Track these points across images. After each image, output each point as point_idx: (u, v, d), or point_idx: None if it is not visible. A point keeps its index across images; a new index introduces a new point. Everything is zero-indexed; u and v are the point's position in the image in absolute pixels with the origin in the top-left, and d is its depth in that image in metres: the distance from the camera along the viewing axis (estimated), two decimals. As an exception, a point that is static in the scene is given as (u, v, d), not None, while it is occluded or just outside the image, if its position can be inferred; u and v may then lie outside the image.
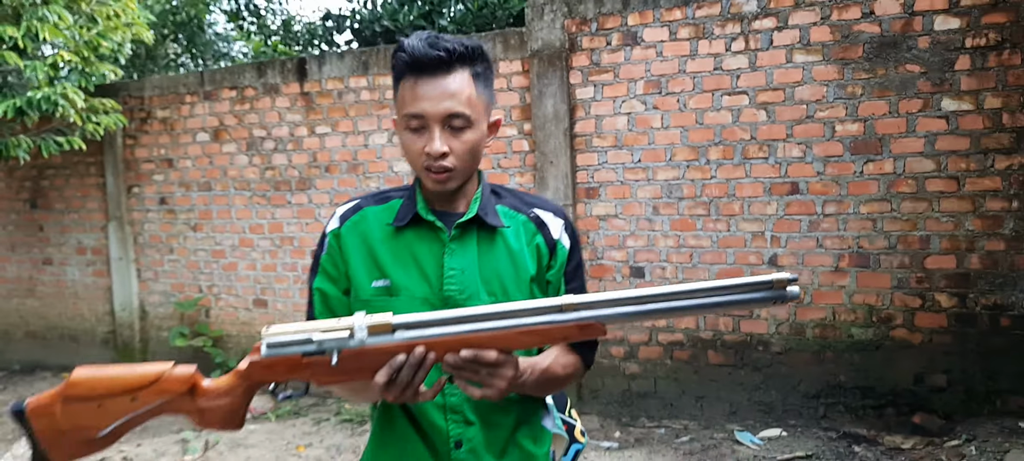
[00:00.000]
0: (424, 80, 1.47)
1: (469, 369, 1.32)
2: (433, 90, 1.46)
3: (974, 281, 4.48)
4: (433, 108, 1.47)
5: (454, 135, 1.49)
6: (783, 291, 1.30)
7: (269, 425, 5.86)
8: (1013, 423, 4.36)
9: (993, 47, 4.33)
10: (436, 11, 8.74)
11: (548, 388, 1.61)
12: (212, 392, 1.38)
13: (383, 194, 1.68)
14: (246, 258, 6.63)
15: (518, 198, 1.67)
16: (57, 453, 1.34)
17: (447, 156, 1.48)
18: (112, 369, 1.36)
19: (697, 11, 4.94)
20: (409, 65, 1.49)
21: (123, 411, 1.34)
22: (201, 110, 6.66)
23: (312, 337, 1.31)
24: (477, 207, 1.58)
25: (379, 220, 1.62)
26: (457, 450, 1.56)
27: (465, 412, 1.56)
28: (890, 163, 4.58)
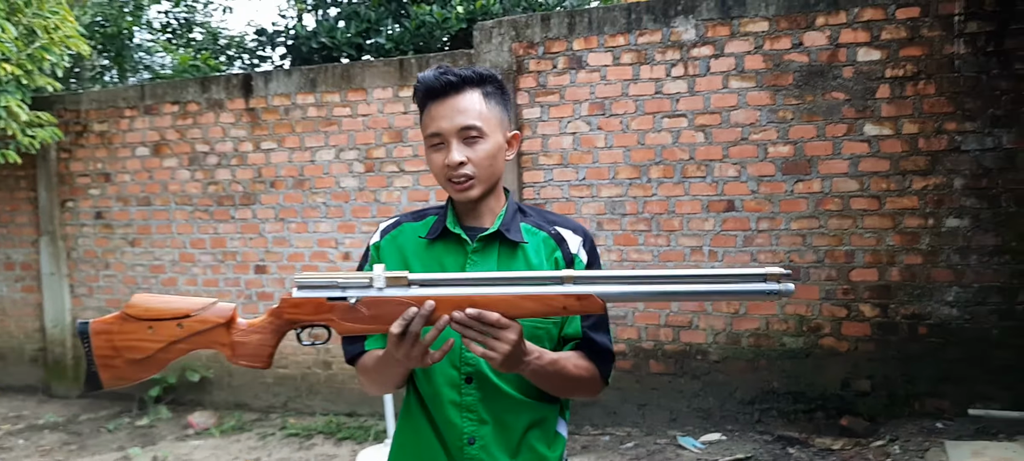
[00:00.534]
0: (438, 103, 1.67)
1: (474, 328, 1.47)
2: (446, 110, 1.66)
3: (895, 292, 4.85)
4: (448, 124, 1.65)
5: (470, 146, 1.66)
6: (776, 284, 1.42)
7: (214, 440, 5.85)
8: (931, 423, 4.73)
9: (910, 78, 4.71)
10: (374, 29, 8.83)
11: (559, 385, 1.68)
12: (246, 328, 1.57)
13: (421, 212, 1.86)
14: (187, 273, 6.59)
15: (542, 216, 1.82)
16: (107, 373, 1.53)
17: (465, 165, 1.65)
18: (166, 296, 1.56)
19: (639, 38, 5.21)
20: (425, 93, 1.69)
21: (170, 336, 1.53)
22: (141, 124, 6.61)
23: (337, 281, 1.49)
24: (499, 223, 1.72)
25: (414, 233, 1.80)
26: (470, 446, 1.67)
27: (479, 411, 1.68)
28: (818, 183, 4.92)
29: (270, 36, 10.23)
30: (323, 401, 6.25)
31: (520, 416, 1.70)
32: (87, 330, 1.55)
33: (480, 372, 1.67)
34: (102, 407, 6.73)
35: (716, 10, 5.04)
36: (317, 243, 6.14)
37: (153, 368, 1.55)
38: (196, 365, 6.54)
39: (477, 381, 1.68)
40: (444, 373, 1.68)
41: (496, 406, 1.69)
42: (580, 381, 1.71)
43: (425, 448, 1.73)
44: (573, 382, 1.69)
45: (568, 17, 5.37)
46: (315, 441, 5.72)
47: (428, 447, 1.72)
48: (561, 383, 1.68)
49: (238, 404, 6.50)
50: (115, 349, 1.54)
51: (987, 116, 4.58)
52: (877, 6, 4.74)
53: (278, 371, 6.37)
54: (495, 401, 1.68)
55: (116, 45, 9.70)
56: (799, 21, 4.89)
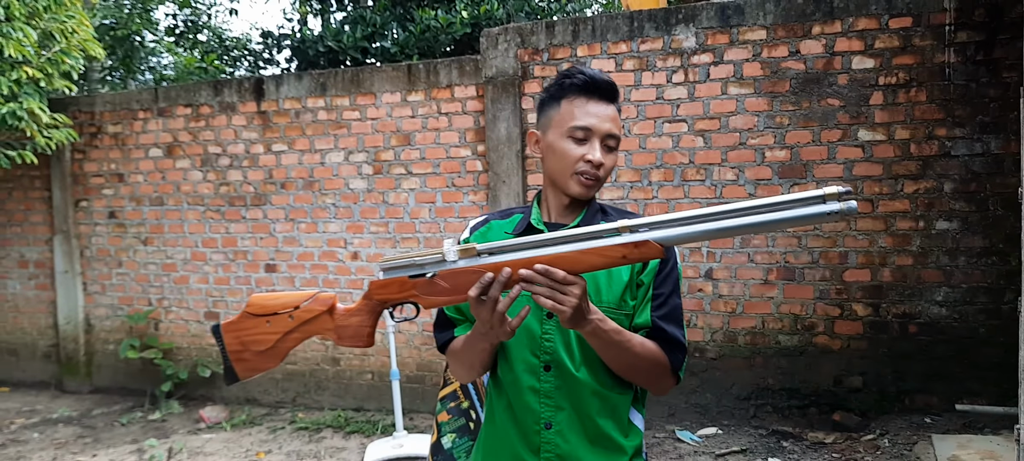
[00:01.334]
0: (595, 101, 1.76)
1: (542, 284, 1.54)
2: (602, 111, 1.76)
3: (886, 292, 5.02)
4: (600, 125, 1.75)
5: (607, 153, 1.77)
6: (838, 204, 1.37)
7: (225, 434, 6.01)
8: (920, 419, 4.91)
9: (902, 85, 4.89)
10: (379, 34, 9.02)
11: (625, 362, 1.71)
12: (345, 312, 1.73)
13: (508, 211, 1.96)
14: (198, 271, 6.76)
15: (622, 216, 1.85)
16: (240, 367, 1.75)
17: (601, 168, 1.76)
18: (278, 293, 1.76)
19: (641, 45, 5.38)
20: (584, 86, 1.76)
21: (284, 327, 1.72)
22: (154, 126, 6.78)
23: (414, 260, 1.64)
24: (580, 220, 1.81)
25: (501, 229, 1.90)
26: (547, 430, 1.76)
27: (556, 398, 1.76)
28: (813, 186, 5.10)
29: (276, 39, 10.42)
30: (331, 396, 6.42)
31: (594, 403, 1.76)
32: (219, 330, 1.75)
33: (558, 360, 1.75)
34: (114, 402, 6.90)
35: (716, 19, 5.22)
36: (326, 243, 6.31)
37: (275, 358, 1.74)
38: (207, 361, 6.71)
39: (555, 369, 1.76)
40: (524, 360, 1.78)
41: (572, 393, 1.76)
42: (646, 362, 1.73)
43: (505, 432, 1.83)
44: (639, 361, 1.72)
45: (572, 24, 5.55)
46: (324, 434, 5.88)
47: (508, 431, 1.82)
48: (627, 359, 1.71)
49: (248, 399, 6.67)
50: (243, 344, 1.74)
51: (976, 123, 4.76)
52: (871, 16, 4.92)
53: (287, 367, 6.54)
54: (571, 388, 1.76)
55: (125, 47, 9.87)
56: (796, 30, 5.06)
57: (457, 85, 5.86)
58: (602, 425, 1.77)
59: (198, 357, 6.76)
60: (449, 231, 5.96)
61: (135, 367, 6.91)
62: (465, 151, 5.88)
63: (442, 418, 4.21)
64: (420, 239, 6.05)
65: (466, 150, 5.88)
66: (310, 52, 9.17)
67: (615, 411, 1.79)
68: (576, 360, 1.76)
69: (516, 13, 8.84)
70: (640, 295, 1.79)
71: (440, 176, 5.96)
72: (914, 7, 4.84)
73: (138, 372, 6.93)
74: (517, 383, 1.80)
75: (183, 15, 11.10)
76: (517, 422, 1.81)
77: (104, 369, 7.19)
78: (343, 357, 6.37)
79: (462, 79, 5.85)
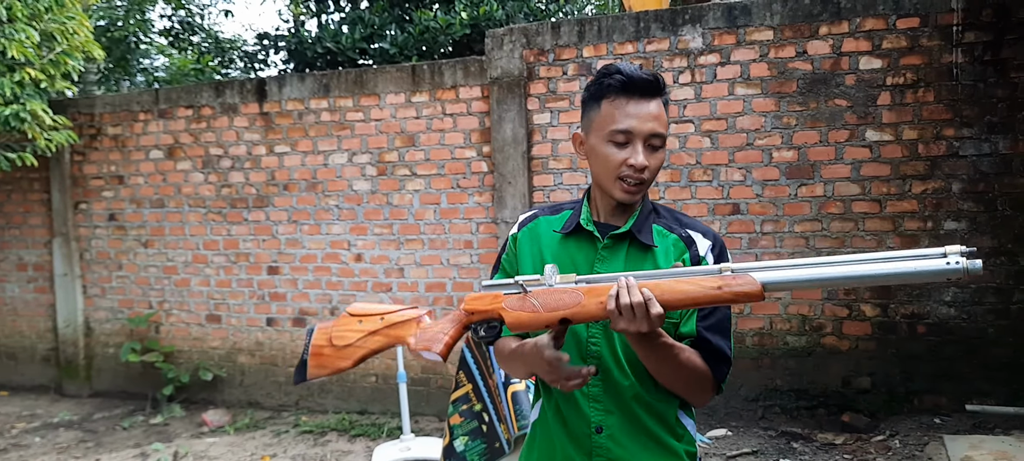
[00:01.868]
0: (635, 101, 1.67)
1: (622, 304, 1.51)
2: (642, 110, 1.67)
3: (894, 293, 5.02)
4: (641, 126, 1.67)
5: (651, 153, 1.70)
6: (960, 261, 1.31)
7: (229, 437, 5.97)
8: (929, 419, 4.90)
9: (910, 85, 4.89)
10: (378, 34, 8.98)
11: (670, 371, 1.67)
12: (431, 322, 1.76)
13: (557, 206, 1.92)
14: (199, 274, 6.72)
15: (675, 218, 1.83)
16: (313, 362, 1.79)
17: (645, 170, 1.69)
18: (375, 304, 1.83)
19: (647, 46, 5.37)
20: (623, 86, 1.68)
21: (371, 327, 1.76)
22: (155, 128, 6.73)
23: (517, 280, 1.64)
24: (631, 223, 1.76)
25: (550, 227, 1.87)
26: (598, 435, 1.74)
27: (605, 401, 1.74)
28: (821, 187, 5.09)
29: (273, 40, 10.36)
30: (335, 399, 6.38)
31: (641, 408, 1.74)
32: (313, 330, 1.81)
33: (604, 365, 1.73)
34: (115, 406, 6.85)
35: (722, 19, 5.21)
36: (330, 245, 6.28)
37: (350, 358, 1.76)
38: (209, 364, 6.67)
39: (601, 373, 1.73)
40: (573, 364, 1.72)
41: (619, 398, 1.73)
42: (691, 374, 1.68)
43: (557, 435, 1.81)
44: (684, 372, 1.68)
45: (578, 25, 5.53)
46: (329, 438, 5.85)
47: (559, 434, 1.80)
48: (672, 369, 1.67)
49: (250, 403, 6.63)
50: (328, 339, 1.78)
51: (984, 123, 4.76)
52: (878, 16, 4.92)
53: (290, 370, 6.50)
54: (618, 393, 1.74)
55: (121, 48, 9.81)
56: (803, 30, 5.06)
57: (462, 86, 5.84)
58: (653, 429, 1.75)
59: (200, 360, 6.72)
60: (454, 233, 5.93)
61: (136, 371, 6.86)
62: (470, 152, 5.85)
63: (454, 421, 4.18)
64: (424, 241, 6.02)
65: (471, 151, 5.85)
66: (308, 53, 9.12)
67: (663, 416, 1.76)
68: (622, 365, 1.74)
69: (516, 14, 8.82)
70: None
71: (445, 177, 5.93)
72: (921, 7, 4.84)
73: (139, 376, 6.88)
74: None
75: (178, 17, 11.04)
76: (567, 425, 1.79)
77: (104, 373, 7.14)
78: (347, 360, 6.32)
79: (467, 80, 5.82)
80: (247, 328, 6.61)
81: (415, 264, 6.07)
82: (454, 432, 4.06)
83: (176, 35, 10.85)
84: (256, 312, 6.57)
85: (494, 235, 5.81)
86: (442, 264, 6.00)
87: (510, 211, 5.67)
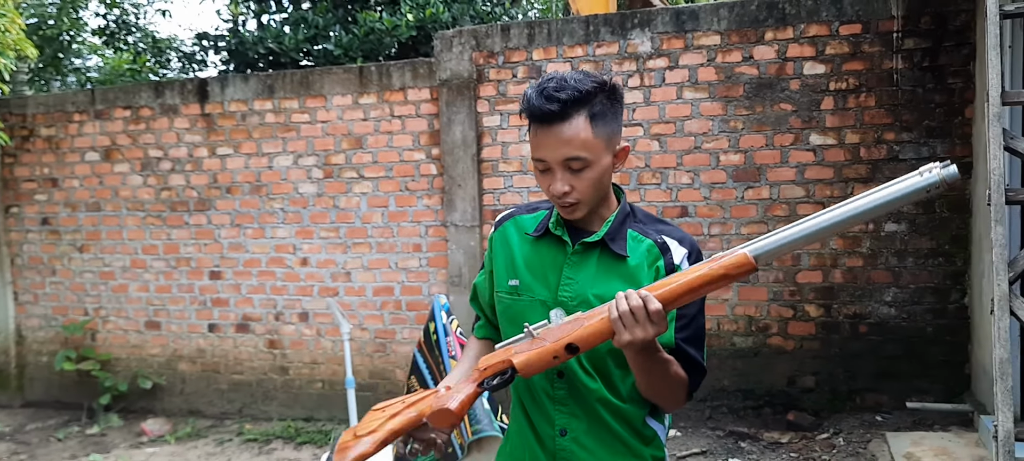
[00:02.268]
0: (543, 129, 1.62)
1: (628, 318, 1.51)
2: (551, 138, 1.62)
3: (837, 293, 5.13)
4: (552, 155, 1.63)
5: (575, 175, 1.64)
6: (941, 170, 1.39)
7: (170, 447, 5.81)
8: (871, 417, 5.02)
9: (852, 90, 5.00)
10: (322, 35, 8.85)
11: (657, 378, 1.65)
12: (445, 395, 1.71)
13: (534, 205, 1.89)
14: (138, 280, 6.53)
15: (651, 222, 1.80)
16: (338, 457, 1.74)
17: (570, 193, 1.65)
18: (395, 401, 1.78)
19: (597, 49, 5.39)
20: (530, 116, 1.64)
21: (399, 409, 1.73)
22: (91, 129, 6.52)
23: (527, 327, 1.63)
24: (604, 231, 1.72)
25: (523, 228, 1.84)
26: (561, 438, 1.73)
27: (570, 405, 1.73)
28: (767, 190, 5.17)
29: (212, 40, 10.13)
30: (280, 406, 6.26)
31: (607, 411, 1.72)
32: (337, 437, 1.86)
33: (569, 368, 1.71)
34: (49, 416, 6.61)
35: (671, 24, 5.26)
36: (274, 249, 6.16)
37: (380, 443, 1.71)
38: (148, 372, 6.48)
39: (567, 376, 1.72)
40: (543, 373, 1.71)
41: (585, 401, 1.72)
42: (674, 384, 1.68)
43: (524, 437, 1.80)
44: (669, 383, 1.67)
45: (527, 28, 5.53)
46: (274, 446, 5.73)
47: (526, 436, 1.80)
48: (661, 380, 1.66)
49: (191, 411, 6.46)
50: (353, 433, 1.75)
51: (923, 127, 4.90)
52: (822, 22, 5.02)
53: (233, 377, 6.36)
54: (583, 396, 1.72)
55: (54, 47, 9.50)
56: (749, 35, 5.14)
57: (410, 88, 5.78)
58: (619, 432, 1.73)
59: (138, 368, 6.53)
60: (402, 236, 5.87)
61: (71, 379, 6.63)
62: (419, 155, 5.80)
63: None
64: (372, 244, 5.94)
65: (420, 153, 5.80)
66: (249, 54, 8.95)
67: (630, 420, 1.74)
68: (587, 369, 1.72)
69: (462, 17, 8.79)
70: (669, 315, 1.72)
71: (393, 180, 5.87)
72: (863, 14, 4.96)
73: (74, 385, 6.65)
74: (533, 389, 1.77)
75: (113, 15, 10.72)
76: (534, 427, 1.78)
77: (37, 382, 6.89)
78: (292, 366, 6.21)
79: (416, 82, 5.77)
80: (188, 334, 6.45)
81: (362, 268, 5.99)
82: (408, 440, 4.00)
83: (111, 34, 10.53)
84: (197, 318, 6.41)
85: (443, 238, 5.77)
86: (390, 268, 5.94)
87: (460, 214, 5.64)
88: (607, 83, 1.66)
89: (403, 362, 5.91)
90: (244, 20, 10.47)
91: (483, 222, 5.65)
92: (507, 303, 1.79)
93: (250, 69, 8.92)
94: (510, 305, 1.77)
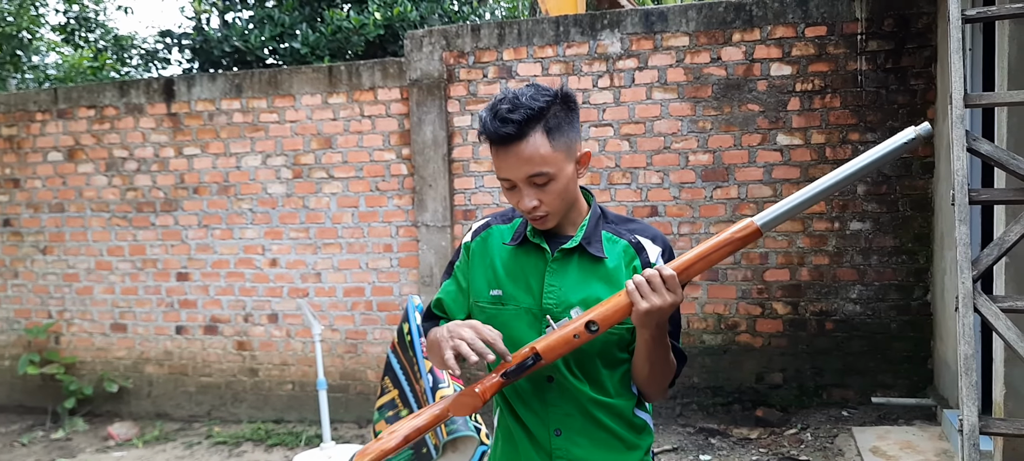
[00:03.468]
0: (502, 151, 1.65)
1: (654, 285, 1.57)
2: (510, 158, 1.64)
3: (804, 291, 5.21)
4: (514, 174, 1.66)
5: (541, 189, 1.67)
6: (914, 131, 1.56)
7: (137, 451, 5.75)
8: (838, 412, 5.11)
9: (818, 91, 5.08)
10: (288, 33, 8.78)
11: (658, 361, 1.71)
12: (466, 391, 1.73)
13: (510, 214, 1.89)
14: (103, 282, 6.44)
15: (623, 223, 1.83)
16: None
17: (539, 207, 1.68)
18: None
19: (567, 50, 5.42)
20: (488, 139, 1.67)
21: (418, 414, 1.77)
22: (53, 128, 6.42)
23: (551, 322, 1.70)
24: (581, 235, 1.75)
25: (501, 237, 1.85)
26: (557, 437, 1.75)
27: (561, 405, 1.75)
28: (735, 189, 5.24)
29: (176, 38, 10.00)
30: (249, 408, 6.21)
31: (599, 409, 1.75)
32: None
33: (559, 372, 1.74)
34: (12, 421, 6.50)
35: (640, 25, 5.31)
36: (243, 250, 6.11)
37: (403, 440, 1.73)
38: (114, 375, 6.40)
39: (557, 381, 1.75)
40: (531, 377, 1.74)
41: (576, 401, 1.74)
42: (669, 369, 1.75)
43: (519, 441, 1.81)
44: (667, 365, 1.74)
45: (498, 28, 5.54)
46: (244, 448, 5.69)
47: (520, 440, 1.80)
48: (663, 359, 1.72)
49: (159, 414, 6.39)
50: None
51: (886, 128, 4.99)
52: (788, 24, 5.10)
53: (201, 379, 6.30)
54: (574, 397, 1.75)
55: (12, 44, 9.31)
56: (717, 37, 5.20)
57: (380, 87, 5.77)
58: (612, 427, 1.77)
59: (104, 371, 6.44)
60: (373, 236, 5.86)
61: (34, 383, 6.53)
62: (389, 155, 5.79)
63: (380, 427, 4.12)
64: (342, 245, 5.92)
65: (391, 153, 5.79)
66: (214, 52, 8.85)
67: (621, 413, 1.78)
68: (575, 373, 1.75)
69: (430, 16, 8.78)
70: None
71: (363, 180, 5.85)
72: (829, 16, 5.04)
73: (37, 389, 6.55)
74: (523, 394, 1.79)
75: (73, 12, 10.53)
76: (528, 430, 1.79)
77: (0, 386, 6.77)
78: (261, 367, 6.17)
79: (386, 81, 5.76)
80: (155, 337, 6.37)
81: (333, 269, 5.97)
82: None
83: (70, 31, 10.34)
84: (165, 320, 6.34)
85: (414, 239, 5.77)
86: (361, 268, 5.92)
87: (430, 214, 5.64)
88: (559, 93, 1.68)
89: (375, 363, 5.90)
90: (208, 18, 10.35)
91: (454, 222, 5.66)
92: (491, 313, 1.79)
93: (215, 68, 8.83)
94: (495, 315, 1.78)
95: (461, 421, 3.89)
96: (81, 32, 10.28)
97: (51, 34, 11.07)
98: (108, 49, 10.89)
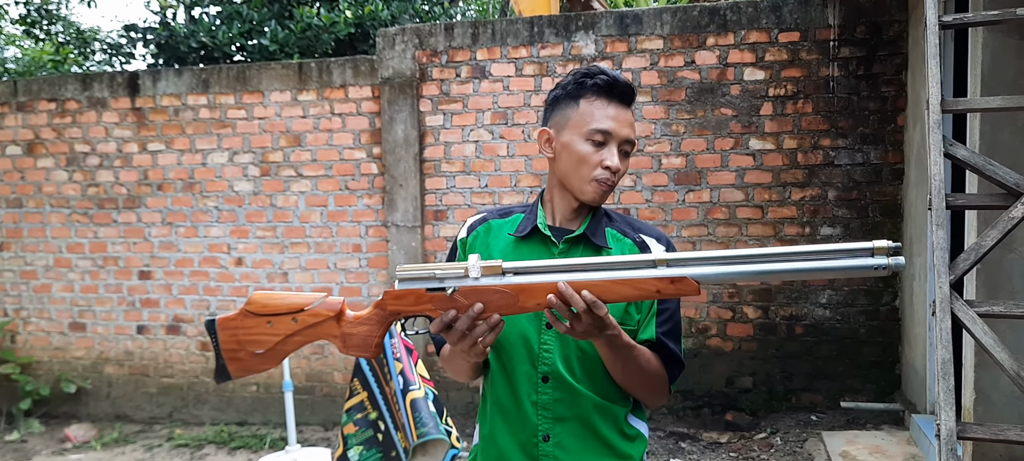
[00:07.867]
0: (615, 105, 1.68)
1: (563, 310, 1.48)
2: (622, 115, 1.69)
3: (775, 296, 5.22)
4: (619, 130, 1.68)
5: (622, 158, 1.71)
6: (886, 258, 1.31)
7: (95, 454, 5.60)
8: (807, 416, 5.13)
9: (790, 97, 5.10)
10: (257, 30, 8.65)
11: (632, 372, 1.66)
12: (353, 320, 1.62)
13: (506, 209, 1.87)
14: (62, 279, 6.27)
15: (628, 224, 1.82)
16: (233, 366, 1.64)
17: (618, 172, 1.69)
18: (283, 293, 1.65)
19: (541, 51, 5.39)
20: (605, 89, 1.67)
21: (286, 330, 1.62)
22: (12, 122, 6.24)
23: (435, 273, 1.53)
24: (586, 226, 1.74)
25: (502, 230, 1.81)
26: (545, 443, 1.70)
27: (555, 409, 1.70)
28: (707, 193, 5.24)
29: (141, 33, 9.81)
30: (212, 410, 6.08)
31: (595, 414, 1.71)
32: (214, 326, 1.64)
33: (557, 372, 1.70)
34: (-36, 422, 6.30)
35: (615, 27, 5.29)
36: (208, 248, 5.98)
37: (273, 360, 1.64)
38: (72, 375, 6.23)
39: (553, 381, 1.70)
40: (523, 371, 1.71)
41: (573, 405, 1.70)
42: (650, 377, 1.69)
43: (503, 444, 1.76)
44: (644, 375, 1.68)
45: (471, 27, 5.49)
46: (206, 451, 5.56)
47: (505, 443, 1.75)
48: (633, 370, 1.66)
49: (118, 416, 6.23)
50: (239, 343, 1.63)
51: (857, 134, 5.03)
52: (761, 29, 5.11)
53: (162, 380, 6.15)
54: (572, 400, 1.71)
55: (-30, 36, 9.06)
56: (691, 40, 5.20)
57: (351, 85, 5.69)
58: (604, 434, 1.72)
59: (62, 371, 6.27)
60: (342, 236, 5.77)
61: (-11, 384, 6.34)
62: (360, 153, 5.71)
63: (348, 430, 4.04)
64: (310, 244, 5.83)
65: (361, 152, 5.71)
66: (181, 48, 8.68)
67: (615, 419, 1.73)
68: (575, 372, 1.70)
69: (401, 15, 8.70)
70: (644, 309, 1.73)
71: (332, 179, 5.76)
72: (802, 23, 5.07)
73: (-8, 389, 6.36)
74: (515, 395, 1.73)
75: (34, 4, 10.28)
76: (514, 434, 1.74)
77: (-50, 387, 6.55)
78: (225, 368, 6.03)
79: (357, 79, 5.68)
80: (115, 336, 6.22)
81: (300, 268, 5.87)
82: (348, 442, 3.93)
83: (31, 23, 10.10)
84: (125, 319, 6.19)
85: (384, 239, 5.69)
86: (329, 268, 5.82)
87: (401, 214, 5.57)
88: None
89: (341, 365, 5.81)
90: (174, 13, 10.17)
91: (425, 222, 5.59)
92: None
93: (181, 63, 8.66)
94: None
95: (432, 424, 3.83)
96: (42, 25, 10.04)
97: (11, 27, 10.82)
98: (70, 43, 10.66)
